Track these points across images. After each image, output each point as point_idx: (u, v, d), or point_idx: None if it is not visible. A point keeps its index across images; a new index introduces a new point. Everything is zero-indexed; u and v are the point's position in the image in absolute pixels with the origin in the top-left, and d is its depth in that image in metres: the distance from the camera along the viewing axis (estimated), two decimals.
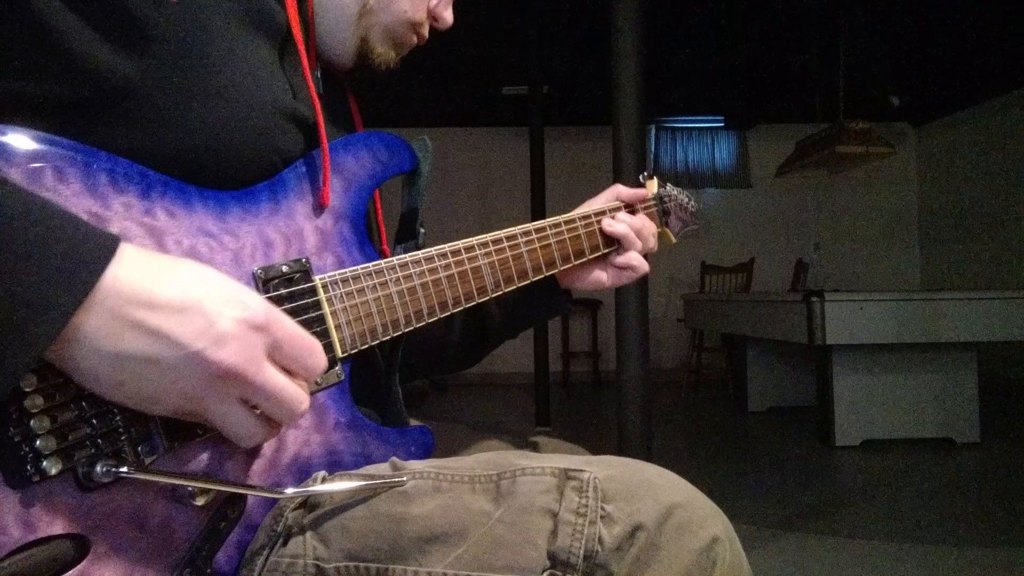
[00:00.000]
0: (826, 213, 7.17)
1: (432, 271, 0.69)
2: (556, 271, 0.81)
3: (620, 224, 0.86)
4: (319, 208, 0.64)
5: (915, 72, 5.58)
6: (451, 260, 0.71)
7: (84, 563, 0.46)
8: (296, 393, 0.51)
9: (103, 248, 0.44)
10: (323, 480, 0.58)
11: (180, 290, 0.46)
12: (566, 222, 0.82)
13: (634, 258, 0.87)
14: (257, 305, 0.49)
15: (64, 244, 0.42)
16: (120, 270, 0.44)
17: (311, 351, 0.52)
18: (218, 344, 0.46)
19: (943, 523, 2.59)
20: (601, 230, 0.86)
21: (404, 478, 0.57)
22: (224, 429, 0.50)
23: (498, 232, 0.75)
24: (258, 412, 0.51)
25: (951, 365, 3.73)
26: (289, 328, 0.51)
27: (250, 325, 0.48)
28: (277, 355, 0.50)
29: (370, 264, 0.65)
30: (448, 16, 0.80)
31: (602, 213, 0.86)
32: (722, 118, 6.98)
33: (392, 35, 0.76)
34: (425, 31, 0.79)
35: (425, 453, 0.68)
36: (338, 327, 0.62)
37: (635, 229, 0.87)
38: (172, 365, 0.45)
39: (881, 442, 3.74)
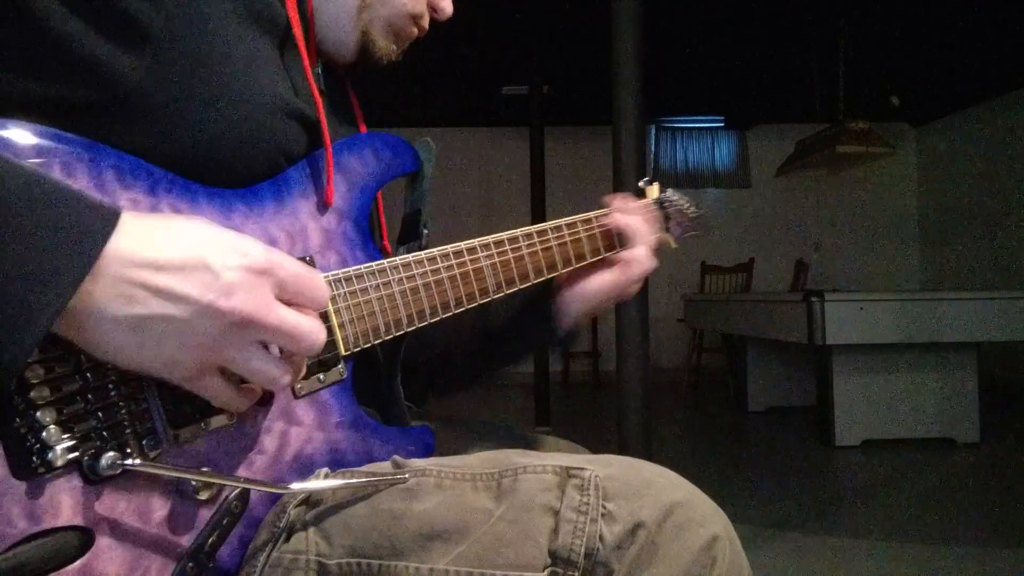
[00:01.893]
0: (826, 213, 7.17)
1: (435, 271, 0.69)
2: (563, 272, 0.80)
3: (622, 217, 0.85)
4: (323, 207, 0.64)
5: (915, 72, 5.58)
6: (453, 261, 0.71)
7: (88, 555, 0.46)
8: (312, 324, 0.51)
9: (105, 219, 0.44)
10: (325, 477, 0.58)
11: (182, 248, 0.46)
12: (567, 225, 0.82)
13: (639, 251, 0.84)
14: (257, 251, 0.50)
15: (67, 216, 0.43)
16: (122, 238, 0.45)
17: (314, 283, 0.53)
18: (227, 294, 0.47)
19: (943, 523, 2.59)
20: (602, 226, 0.85)
21: (406, 475, 0.57)
22: (251, 375, 0.51)
23: (500, 234, 0.75)
24: (279, 354, 0.51)
25: (951, 365, 3.73)
26: (290, 266, 0.51)
27: (253, 270, 0.48)
28: (284, 294, 0.51)
29: (373, 263, 0.65)
30: (447, 7, 0.79)
31: (604, 215, 0.86)
32: (722, 118, 6.99)
33: (393, 28, 0.76)
34: (425, 23, 0.79)
35: (426, 453, 0.69)
36: (341, 325, 0.62)
37: (636, 223, 0.86)
38: (186, 321, 0.46)
39: (881, 442, 3.74)
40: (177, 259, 0.46)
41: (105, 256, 0.44)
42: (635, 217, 0.85)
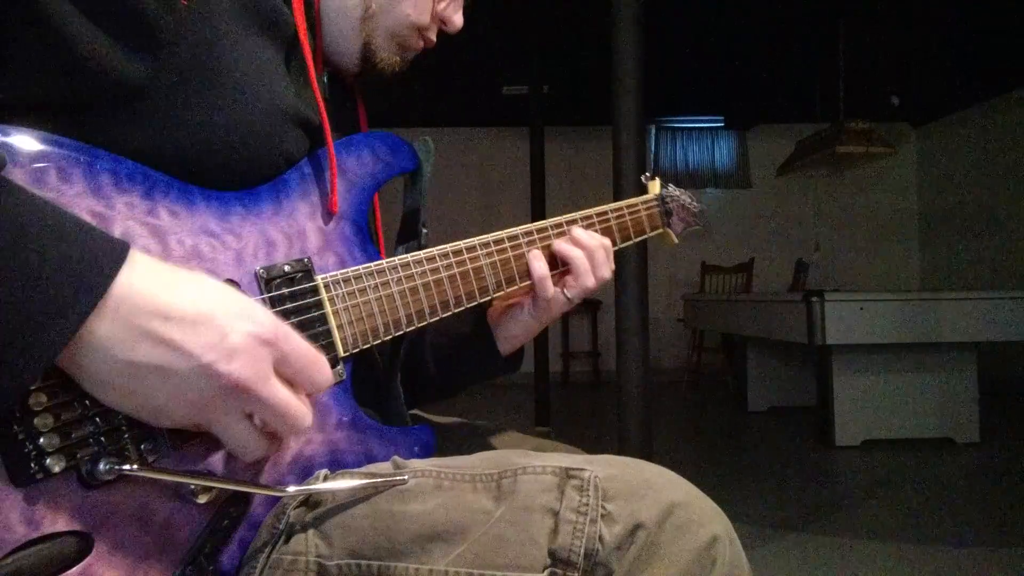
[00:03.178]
0: (826, 213, 7.17)
1: (433, 271, 0.69)
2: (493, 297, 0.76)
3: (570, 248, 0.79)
4: (327, 214, 0.64)
5: (915, 72, 5.58)
6: (452, 260, 0.71)
7: (87, 560, 0.46)
8: (300, 409, 0.51)
9: (114, 255, 0.44)
10: (325, 478, 0.58)
11: (193, 302, 0.47)
12: (568, 222, 0.82)
13: (550, 293, 0.77)
14: (267, 320, 0.50)
15: (76, 251, 0.42)
16: (134, 278, 0.45)
17: (317, 366, 0.53)
18: (228, 357, 0.47)
19: (943, 523, 2.59)
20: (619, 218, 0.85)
21: (406, 476, 0.57)
22: (227, 442, 0.51)
23: (499, 232, 0.75)
24: (261, 427, 0.51)
25: (951, 365, 3.73)
26: (296, 343, 0.51)
27: (260, 339, 0.48)
28: (284, 369, 0.51)
29: (372, 264, 0.65)
30: (457, 19, 0.79)
31: (604, 213, 0.86)
32: (722, 118, 6.98)
33: (396, 39, 0.75)
34: (432, 35, 0.78)
35: (426, 452, 0.69)
36: (340, 327, 0.62)
37: (588, 248, 0.79)
38: (183, 376, 0.46)
39: (881, 442, 3.74)
40: (189, 312, 0.46)
41: (114, 293, 0.44)
42: (581, 250, 0.79)
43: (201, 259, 0.55)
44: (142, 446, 0.49)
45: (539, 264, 0.77)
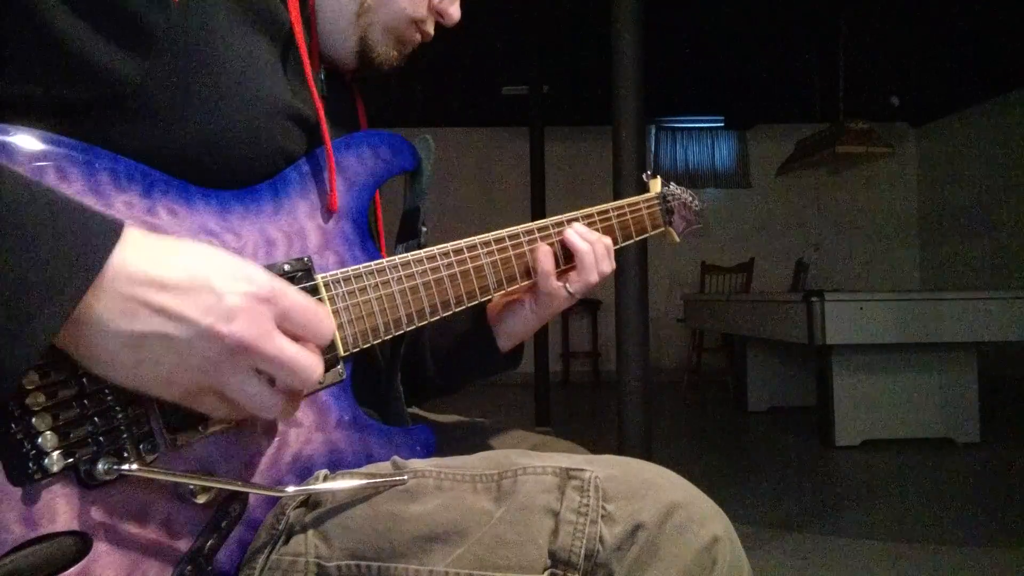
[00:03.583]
0: (826, 213, 7.17)
1: (434, 270, 0.69)
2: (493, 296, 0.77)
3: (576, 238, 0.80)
4: (327, 212, 0.64)
5: (915, 72, 5.58)
6: (453, 259, 0.71)
7: (86, 560, 0.46)
8: (308, 358, 0.51)
9: (108, 231, 0.44)
10: (325, 479, 0.58)
11: (187, 269, 0.46)
12: (568, 220, 0.82)
13: (555, 286, 0.78)
14: (262, 278, 0.50)
15: (70, 228, 0.42)
16: (127, 253, 0.44)
17: (317, 316, 0.52)
18: (228, 318, 0.46)
19: (943, 523, 2.59)
20: (605, 221, 0.84)
21: (405, 477, 0.57)
22: (244, 403, 0.50)
23: (500, 231, 0.75)
24: (275, 385, 0.51)
25: (951, 365, 3.73)
26: (294, 297, 0.51)
27: (257, 298, 0.48)
28: (286, 324, 0.50)
29: (372, 263, 0.65)
30: (454, 12, 0.78)
31: (605, 212, 0.86)
32: (722, 118, 6.98)
33: (393, 33, 0.75)
34: (430, 28, 0.78)
35: (427, 452, 0.68)
36: (340, 326, 0.62)
37: (591, 242, 0.81)
38: (185, 342, 0.46)
39: (881, 442, 3.74)
40: (182, 279, 0.46)
41: (109, 269, 0.43)
42: (589, 246, 0.80)
43: None
44: (141, 446, 0.49)
45: (547, 260, 0.77)
